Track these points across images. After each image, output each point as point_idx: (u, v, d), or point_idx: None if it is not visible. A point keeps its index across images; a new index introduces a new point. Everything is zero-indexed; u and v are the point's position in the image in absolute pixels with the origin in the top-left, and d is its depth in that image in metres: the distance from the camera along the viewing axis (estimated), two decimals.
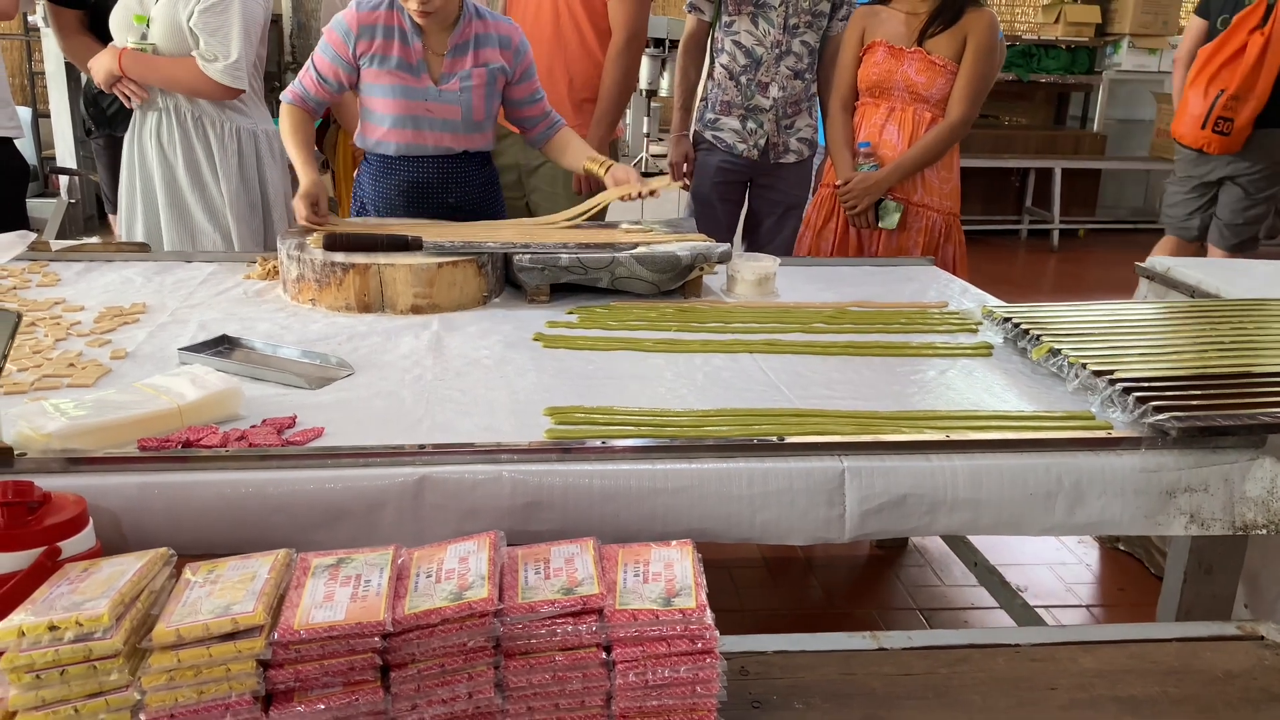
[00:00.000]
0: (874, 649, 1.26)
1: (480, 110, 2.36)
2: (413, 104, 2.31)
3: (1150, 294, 2.72)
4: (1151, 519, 1.45)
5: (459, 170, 2.43)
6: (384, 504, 1.29)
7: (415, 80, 2.29)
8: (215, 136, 2.73)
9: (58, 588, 0.99)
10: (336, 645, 0.95)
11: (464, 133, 2.37)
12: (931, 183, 2.81)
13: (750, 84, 2.97)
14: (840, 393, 1.62)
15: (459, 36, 2.31)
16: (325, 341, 1.79)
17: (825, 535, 1.38)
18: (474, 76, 2.31)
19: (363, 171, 2.50)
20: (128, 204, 2.81)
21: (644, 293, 2.11)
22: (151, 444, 1.31)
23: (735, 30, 2.96)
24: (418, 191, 2.42)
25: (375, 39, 2.27)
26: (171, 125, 2.72)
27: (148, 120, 2.73)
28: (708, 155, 3.11)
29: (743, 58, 2.96)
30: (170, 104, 2.71)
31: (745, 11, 2.93)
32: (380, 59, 2.28)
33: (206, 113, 2.72)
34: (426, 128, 2.34)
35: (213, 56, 2.61)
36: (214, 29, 2.60)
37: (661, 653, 1.01)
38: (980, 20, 2.70)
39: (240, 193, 2.77)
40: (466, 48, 2.32)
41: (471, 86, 2.32)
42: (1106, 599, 2.67)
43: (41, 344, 1.73)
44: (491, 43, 2.34)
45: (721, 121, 3.05)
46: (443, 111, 2.33)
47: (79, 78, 5.75)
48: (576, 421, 1.46)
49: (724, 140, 3.05)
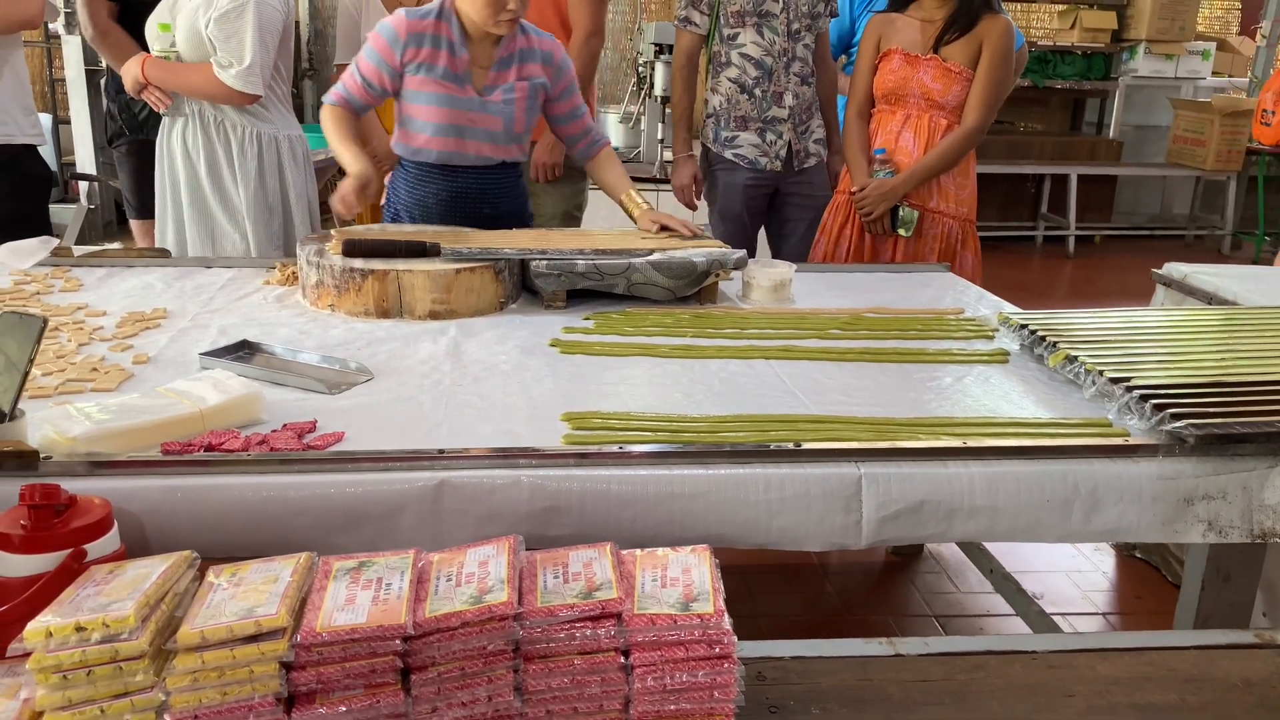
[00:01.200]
0: (891, 655, 1.26)
1: (520, 122, 2.39)
2: (457, 113, 2.33)
3: (1167, 300, 2.71)
4: (1169, 526, 1.45)
5: (496, 180, 2.46)
6: (403, 508, 1.30)
7: (460, 90, 2.32)
8: (235, 141, 2.76)
9: (84, 589, 1.00)
10: (358, 648, 0.96)
11: (503, 143, 2.40)
12: (947, 189, 2.81)
13: (765, 95, 2.96)
14: (857, 399, 1.62)
15: (504, 50, 2.34)
16: (344, 347, 1.80)
17: (842, 541, 1.38)
18: (516, 89, 2.35)
19: (397, 178, 2.52)
20: (159, 208, 2.87)
21: (660, 299, 2.12)
22: (174, 448, 1.33)
23: (740, 42, 2.95)
24: (455, 200, 2.44)
25: (423, 47, 2.29)
26: (195, 130, 2.76)
27: (175, 125, 2.78)
28: (730, 175, 3.07)
29: (753, 69, 2.96)
30: (195, 109, 2.75)
31: (749, 22, 2.92)
32: (427, 67, 2.30)
33: (229, 117, 2.75)
34: (469, 137, 2.37)
35: (228, 63, 2.64)
36: (228, 35, 2.63)
37: (679, 657, 1.01)
38: (995, 27, 2.70)
39: (259, 196, 2.79)
40: (510, 61, 2.35)
41: (514, 99, 2.35)
42: (1123, 606, 2.66)
43: (65, 348, 1.75)
44: (534, 58, 2.37)
45: (740, 138, 3.02)
46: (485, 122, 2.35)
47: (99, 85, 5.82)
48: (594, 427, 1.47)
49: (745, 157, 3.03)
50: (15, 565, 1.08)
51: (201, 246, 2.82)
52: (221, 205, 2.79)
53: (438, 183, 2.43)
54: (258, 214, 2.80)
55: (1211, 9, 8.41)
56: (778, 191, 3.12)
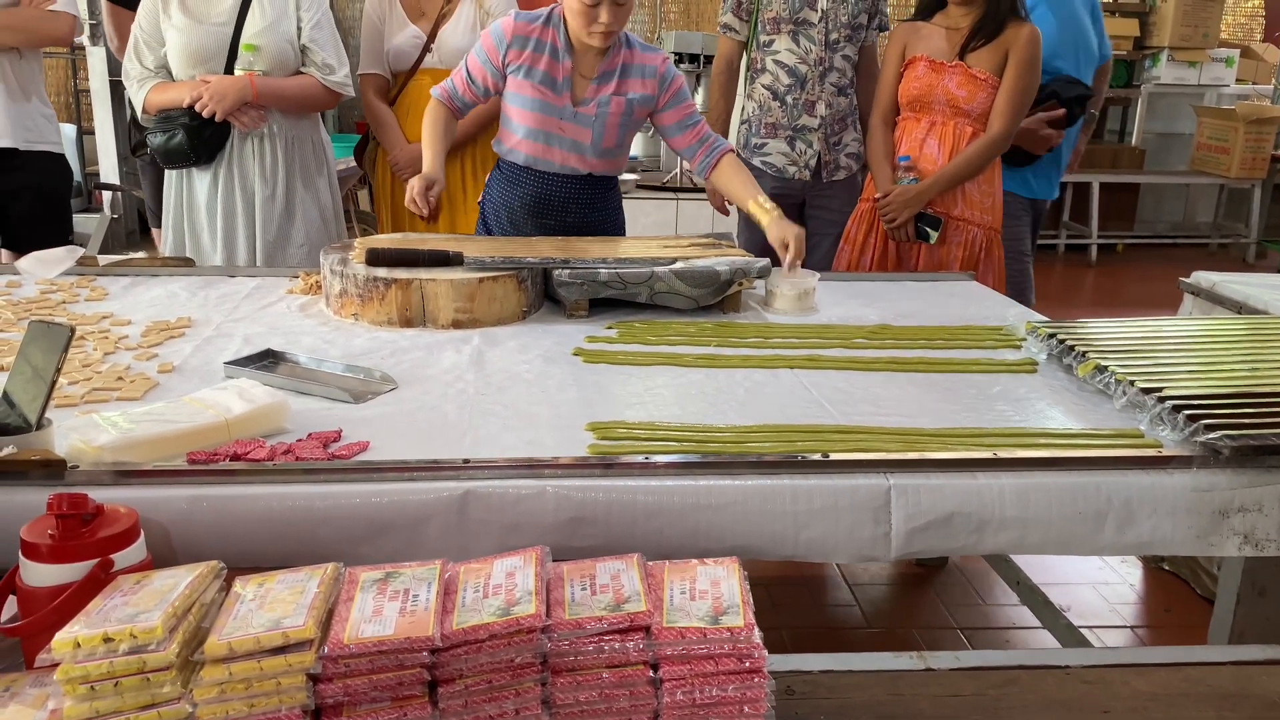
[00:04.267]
0: (921, 669, 1.25)
1: (611, 138, 2.39)
2: (547, 119, 2.35)
3: (1195, 310, 2.68)
4: (1204, 539, 1.43)
5: (582, 191, 2.46)
6: (429, 518, 1.30)
7: (555, 97, 2.33)
8: (311, 151, 2.83)
9: (111, 599, 1.00)
10: (385, 660, 0.95)
11: (591, 156, 2.40)
12: (972, 196, 2.79)
13: (796, 104, 2.95)
14: (884, 409, 1.60)
15: (608, 64, 2.34)
16: (368, 356, 1.80)
17: (870, 554, 1.36)
18: (612, 104, 2.35)
19: (494, 177, 2.55)
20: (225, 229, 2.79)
21: (682, 308, 2.11)
22: (200, 457, 1.33)
23: (775, 49, 2.95)
24: (540, 205, 2.46)
25: (526, 50, 2.32)
26: (275, 145, 2.77)
27: (246, 143, 2.75)
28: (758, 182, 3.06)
29: (786, 77, 2.95)
30: (278, 123, 2.77)
31: (785, 30, 2.91)
32: (527, 70, 2.33)
33: (298, 126, 2.80)
34: (556, 145, 2.38)
35: (330, 68, 2.72)
36: (324, 41, 2.73)
37: (709, 671, 1.00)
38: (1021, 34, 2.68)
39: (331, 202, 2.89)
40: (612, 76, 2.35)
41: (608, 113, 2.35)
42: (1152, 620, 2.62)
43: (91, 357, 1.75)
44: (636, 73, 2.37)
45: (769, 145, 3.02)
46: (574, 132, 2.36)
47: (123, 96, 5.88)
48: (619, 437, 1.46)
49: (773, 164, 3.03)
50: (43, 574, 1.08)
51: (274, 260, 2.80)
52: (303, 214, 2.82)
53: (525, 186, 2.46)
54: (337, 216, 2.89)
55: (1235, 16, 8.34)
56: (805, 202, 3.11)
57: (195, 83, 2.64)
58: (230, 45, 2.66)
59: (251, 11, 2.65)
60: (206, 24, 2.66)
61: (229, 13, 2.65)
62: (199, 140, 2.68)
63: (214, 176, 2.76)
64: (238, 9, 2.64)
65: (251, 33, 2.66)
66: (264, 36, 2.66)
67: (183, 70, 2.68)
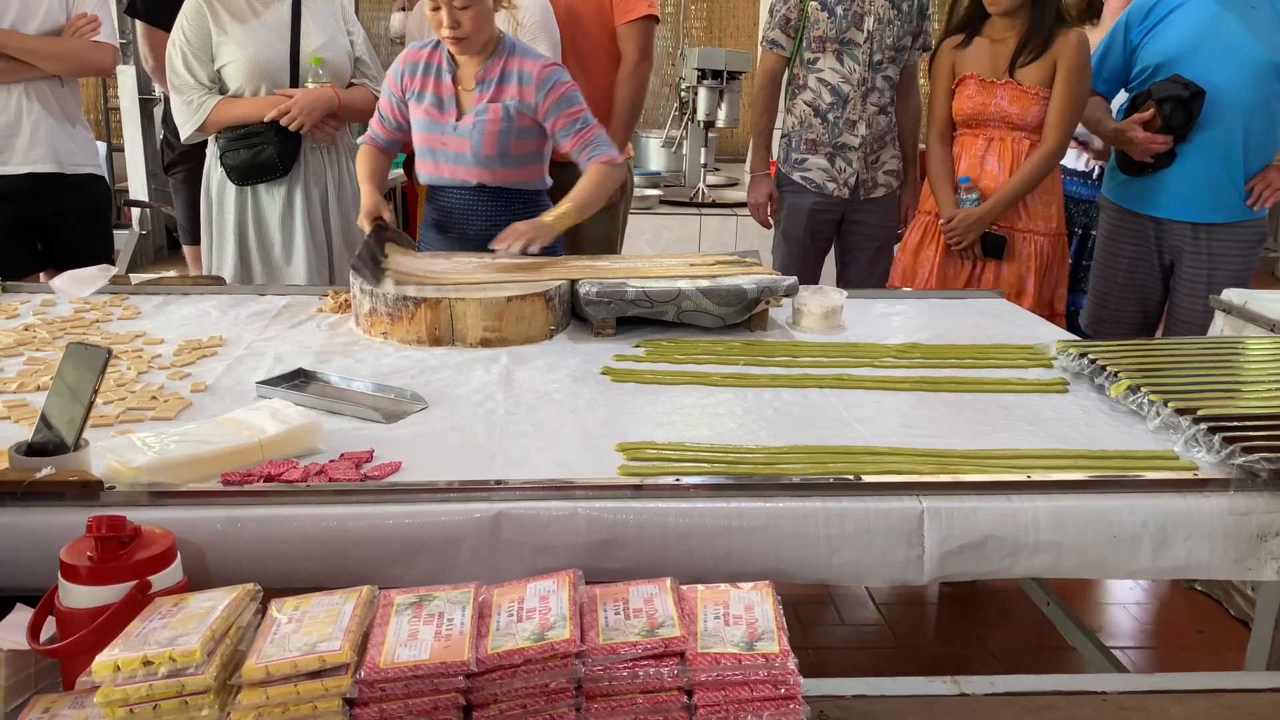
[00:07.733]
0: (955, 694, 1.24)
1: (490, 146, 2.39)
2: (432, 136, 2.44)
3: (1227, 328, 2.65)
4: (1241, 563, 1.41)
5: (478, 204, 2.49)
6: (461, 539, 1.30)
7: (440, 115, 2.42)
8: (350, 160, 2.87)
9: (150, 622, 1.00)
10: (421, 684, 0.96)
11: (475, 166, 2.43)
12: (1034, 208, 2.86)
13: (838, 121, 2.97)
14: (915, 429, 1.60)
15: (485, 73, 2.39)
16: (398, 375, 1.81)
17: (904, 577, 1.35)
18: (489, 111, 2.38)
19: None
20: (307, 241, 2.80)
21: (709, 326, 2.11)
22: (234, 478, 1.34)
23: (819, 67, 2.97)
24: (443, 220, 2.53)
25: (417, 75, 2.44)
26: (340, 156, 2.85)
27: (317, 155, 2.80)
28: (797, 197, 3.10)
29: (828, 95, 2.96)
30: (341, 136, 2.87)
31: (830, 49, 2.93)
32: (418, 94, 2.44)
33: (346, 136, 2.89)
34: (442, 159, 2.45)
35: (377, 80, 2.81)
36: (370, 55, 2.84)
37: (744, 697, 0.99)
38: (1069, 42, 2.69)
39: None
40: (490, 84, 2.39)
41: (485, 121, 2.38)
42: (1185, 641, 2.59)
43: (125, 377, 1.77)
44: (513, 80, 2.38)
45: (809, 161, 3.04)
46: (454, 145, 2.42)
47: (153, 114, 5.95)
48: (649, 458, 1.46)
49: (813, 180, 3.05)
50: (82, 596, 1.09)
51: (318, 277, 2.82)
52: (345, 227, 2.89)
53: (432, 203, 2.56)
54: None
55: None
56: (844, 219, 3.12)
57: (273, 97, 2.65)
58: (290, 58, 2.70)
59: (305, 25, 2.70)
60: (265, 36, 2.67)
61: (284, 26, 2.69)
62: (285, 153, 2.71)
63: (287, 190, 2.76)
64: (290, 22, 2.69)
65: (315, 46, 2.71)
66: (327, 50, 2.72)
67: (246, 84, 2.67)
